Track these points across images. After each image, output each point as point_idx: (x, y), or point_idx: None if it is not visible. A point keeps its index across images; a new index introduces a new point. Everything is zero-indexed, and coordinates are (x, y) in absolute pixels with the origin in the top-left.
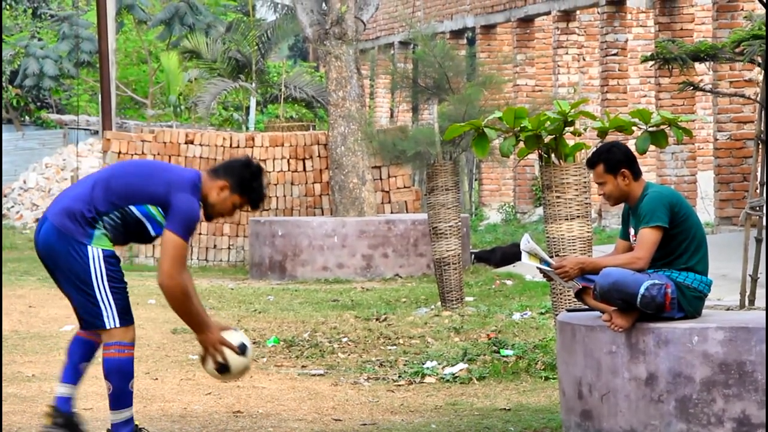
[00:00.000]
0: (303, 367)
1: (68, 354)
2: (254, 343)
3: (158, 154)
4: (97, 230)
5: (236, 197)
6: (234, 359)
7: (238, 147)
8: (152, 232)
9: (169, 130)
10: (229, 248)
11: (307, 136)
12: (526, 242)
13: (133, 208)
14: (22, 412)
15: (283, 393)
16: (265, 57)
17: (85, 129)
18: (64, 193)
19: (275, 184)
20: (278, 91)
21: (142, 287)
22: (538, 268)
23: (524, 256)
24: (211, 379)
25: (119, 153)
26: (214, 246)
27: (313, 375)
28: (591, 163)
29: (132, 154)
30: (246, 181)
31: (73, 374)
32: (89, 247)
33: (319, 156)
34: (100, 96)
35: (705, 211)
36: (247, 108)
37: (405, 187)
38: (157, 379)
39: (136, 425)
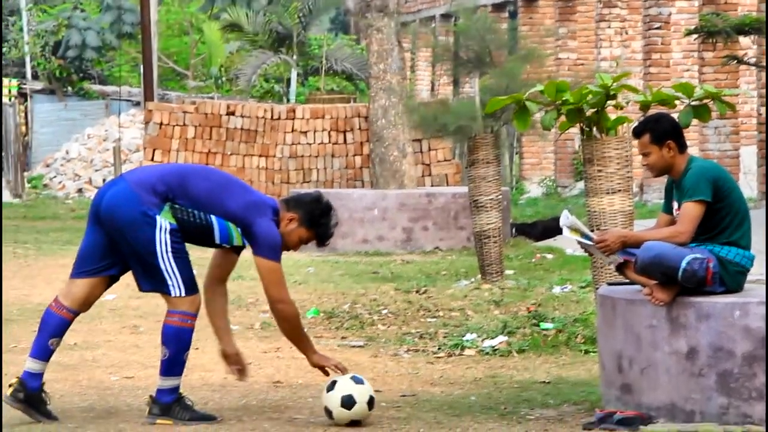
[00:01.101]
0: (343, 338)
1: (40, 327)
2: None
3: (200, 125)
4: (167, 206)
5: (303, 231)
6: (338, 411)
7: (279, 119)
8: (217, 240)
9: (211, 102)
10: None
11: (347, 108)
12: (565, 218)
13: (212, 216)
14: (64, 380)
15: None
16: (307, 29)
17: (126, 100)
18: (144, 167)
19: (315, 157)
20: (319, 63)
21: None
22: (578, 242)
23: (565, 230)
24: (252, 349)
25: (161, 124)
26: None
27: (353, 346)
28: (637, 133)
29: (174, 125)
30: (315, 217)
31: (43, 351)
32: (158, 217)
33: (359, 128)
34: (141, 67)
35: (748, 186)
36: (288, 80)
37: (445, 160)
38: (197, 348)
39: (181, 393)
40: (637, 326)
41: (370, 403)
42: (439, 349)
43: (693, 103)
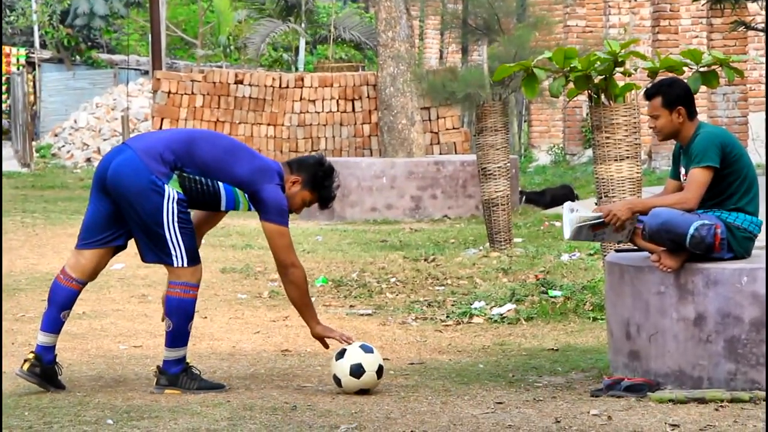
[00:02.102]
0: (351, 306)
1: (49, 300)
2: None
3: (208, 94)
4: (175, 174)
5: (307, 193)
6: (347, 380)
7: (287, 87)
8: (223, 207)
9: (219, 70)
10: None
11: (356, 76)
12: (568, 213)
13: (219, 183)
14: (72, 349)
15: None
16: None
17: (135, 69)
18: (149, 133)
19: (324, 125)
20: (327, 32)
21: None
22: (590, 225)
23: (573, 231)
24: (260, 317)
25: (169, 92)
26: None
27: (362, 315)
28: (649, 95)
29: (182, 94)
30: (318, 179)
31: (54, 323)
32: (167, 187)
33: (368, 97)
34: (150, 36)
35: (756, 152)
36: (297, 49)
37: (454, 128)
38: (206, 317)
39: (187, 363)
40: (645, 293)
41: (379, 371)
42: (447, 317)
43: (701, 69)
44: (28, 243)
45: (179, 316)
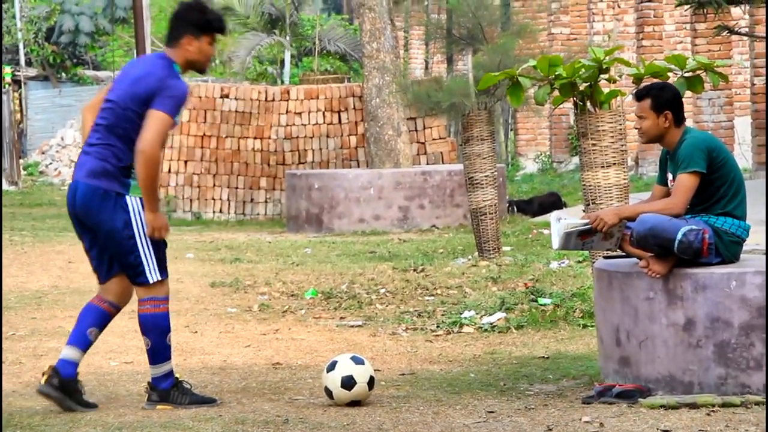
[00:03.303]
0: (341, 318)
1: (79, 318)
2: (292, 295)
3: (194, 108)
4: (132, 179)
5: (204, 38)
6: (338, 392)
7: (273, 100)
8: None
9: (205, 85)
10: (265, 202)
11: (342, 88)
12: (555, 224)
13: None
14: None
15: (321, 344)
16: (299, 10)
17: None
18: (83, 151)
19: (310, 137)
20: (312, 44)
21: (180, 241)
22: (579, 232)
23: (562, 240)
24: (250, 331)
25: None
26: (251, 200)
27: (352, 326)
28: (639, 96)
29: None
30: (200, 20)
31: (81, 339)
32: (128, 198)
33: (354, 108)
34: (135, 52)
35: (743, 156)
36: (282, 62)
37: (440, 138)
38: (196, 332)
39: (177, 378)
40: (634, 299)
41: (371, 383)
42: (437, 327)
43: (686, 74)
44: (16, 261)
45: (155, 332)
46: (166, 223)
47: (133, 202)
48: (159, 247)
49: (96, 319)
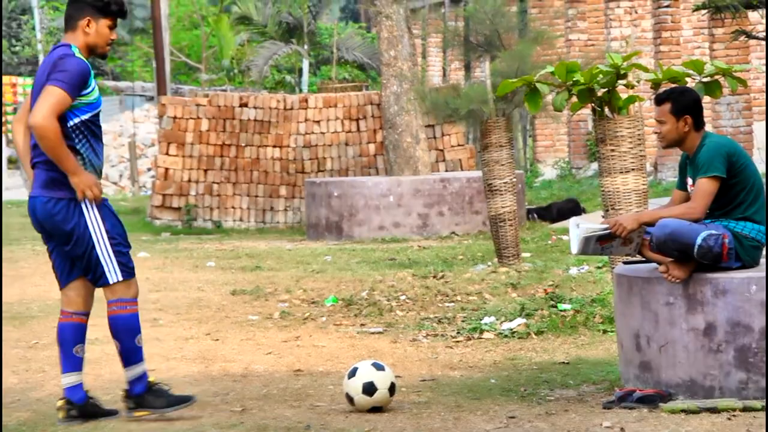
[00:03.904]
0: (362, 325)
1: (60, 343)
2: (313, 303)
3: (213, 117)
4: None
5: (102, 21)
6: (359, 398)
7: (291, 109)
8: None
9: (224, 94)
10: (285, 210)
11: (360, 96)
12: (574, 231)
13: (71, 121)
14: (86, 374)
15: (342, 351)
16: (317, 19)
17: (140, 95)
18: (33, 165)
19: (329, 145)
20: (330, 53)
21: (201, 250)
22: (598, 237)
23: (581, 245)
24: (272, 338)
25: (175, 117)
26: (271, 208)
27: (372, 333)
28: (659, 100)
29: (187, 119)
30: (99, 3)
31: (72, 362)
32: (82, 202)
33: (372, 116)
34: (154, 62)
35: (762, 161)
36: (300, 70)
37: (459, 145)
38: (218, 340)
39: (150, 381)
40: (654, 304)
41: (392, 389)
42: (457, 333)
43: (704, 79)
44: (39, 270)
45: (124, 334)
46: (94, 179)
47: (87, 205)
48: (120, 245)
49: (75, 336)
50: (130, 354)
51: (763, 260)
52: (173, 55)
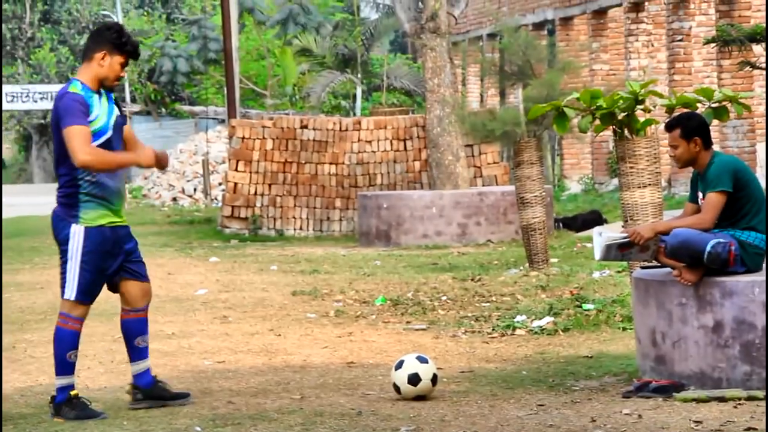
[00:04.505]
0: (407, 322)
1: (126, 337)
2: (364, 302)
3: (277, 138)
4: (81, 206)
5: (117, 57)
6: (405, 388)
7: (346, 130)
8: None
9: (286, 117)
10: (340, 220)
11: (407, 119)
12: (597, 240)
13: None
14: (163, 365)
15: (390, 345)
16: (369, 51)
17: (213, 118)
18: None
19: (379, 163)
20: (380, 81)
21: (265, 255)
22: (619, 245)
23: (603, 251)
24: (328, 333)
25: (243, 138)
26: (327, 218)
27: (417, 329)
28: (670, 127)
29: (254, 139)
30: (117, 40)
31: (137, 351)
32: (73, 225)
33: (418, 137)
34: (225, 89)
35: (764, 178)
36: (354, 96)
37: (494, 162)
38: (280, 335)
39: (72, 394)
40: (669, 304)
41: (434, 379)
42: (493, 330)
43: (713, 105)
44: None
45: (56, 345)
46: (150, 152)
47: (75, 228)
48: (87, 272)
49: (138, 329)
50: (58, 365)
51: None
52: (242, 83)
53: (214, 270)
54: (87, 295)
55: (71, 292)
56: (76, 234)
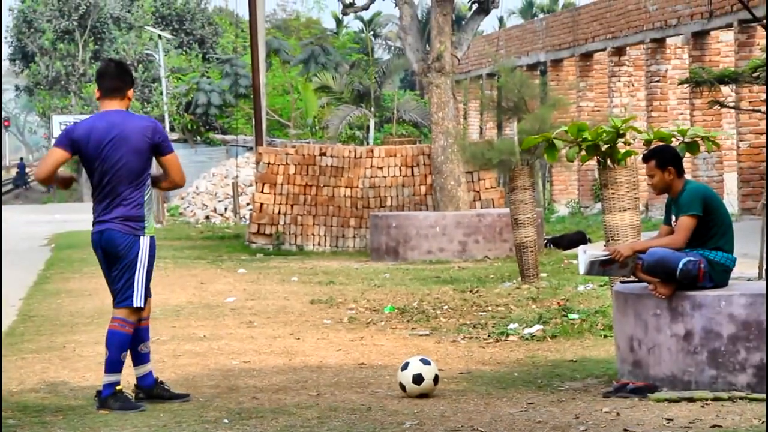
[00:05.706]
0: (413, 329)
1: (132, 342)
2: (374, 311)
3: (298, 164)
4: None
5: (130, 93)
6: (410, 386)
7: (360, 157)
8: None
9: (307, 145)
10: (354, 237)
11: (414, 148)
12: (582, 257)
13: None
14: (195, 364)
15: (397, 349)
16: (381, 87)
17: (242, 146)
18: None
19: (389, 187)
20: (391, 114)
21: (287, 268)
22: (601, 262)
23: (588, 267)
24: (341, 338)
25: (269, 163)
26: (342, 235)
27: (421, 335)
28: (647, 158)
29: (278, 164)
30: (132, 77)
31: (138, 357)
32: (141, 238)
33: (424, 164)
34: (254, 120)
35: (730, 204)
36: (367, 127)
37: (492, 187)
38: (299, 339)
39: (117, 389)
40: (645, 315)
41: (436, 379)
42: (488, 336)
43: (686, 140)
44: (160, 282)
45: (114, 346)
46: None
47: (142, 240)
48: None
49: (145, 336)
50: (110, 363)
51: (735, 281)
52: (268, 115)
53: (242, 280)
54: (144, 300)
55: (140, 300)
56: (144, 245)
